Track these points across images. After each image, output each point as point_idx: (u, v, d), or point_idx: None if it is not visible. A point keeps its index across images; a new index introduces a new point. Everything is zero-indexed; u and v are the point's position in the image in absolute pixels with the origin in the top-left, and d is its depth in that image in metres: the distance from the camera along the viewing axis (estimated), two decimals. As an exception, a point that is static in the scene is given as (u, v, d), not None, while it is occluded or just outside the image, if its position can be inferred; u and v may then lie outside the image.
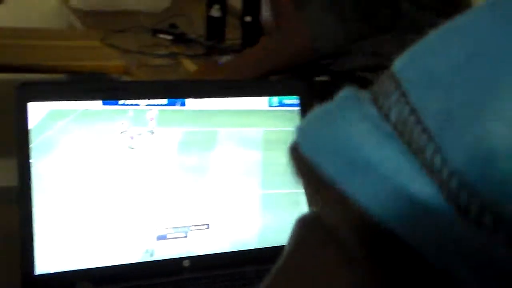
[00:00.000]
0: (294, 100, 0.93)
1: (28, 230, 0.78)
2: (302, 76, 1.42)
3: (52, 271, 0.79)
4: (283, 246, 0.34)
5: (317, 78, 1.46)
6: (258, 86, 0.98)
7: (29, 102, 0.80)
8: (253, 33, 1.93)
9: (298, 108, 0.93)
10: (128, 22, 2.08)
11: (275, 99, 0.92)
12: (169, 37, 1.99)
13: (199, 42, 1.96)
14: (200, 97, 0.88)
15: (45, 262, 0.79)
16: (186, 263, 0.85)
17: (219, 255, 0.87)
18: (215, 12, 1.99)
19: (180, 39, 1.98)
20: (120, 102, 0.84)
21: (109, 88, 0.86)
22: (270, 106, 0.92)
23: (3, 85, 1.60)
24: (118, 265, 0.82)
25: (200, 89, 0.89)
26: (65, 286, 0.78)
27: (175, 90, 0.88)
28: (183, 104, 0.88)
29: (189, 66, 1.79)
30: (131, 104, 0.84)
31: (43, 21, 2.44)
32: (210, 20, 1.99)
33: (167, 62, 1.81)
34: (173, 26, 2.05)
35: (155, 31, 2.01)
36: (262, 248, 0.88)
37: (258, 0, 1.89)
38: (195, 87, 0.91)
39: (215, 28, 1.98)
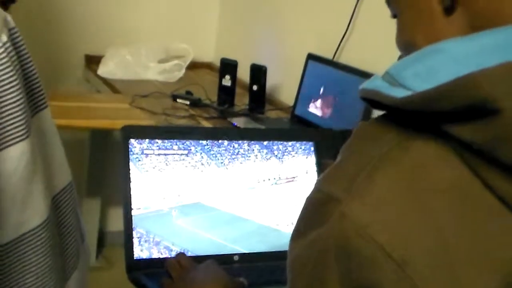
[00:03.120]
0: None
1: (129, 229, 1.10)
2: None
3: (146, 257, 1.11)
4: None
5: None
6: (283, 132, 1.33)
7: (130, 139, 1.14)
8: (258, 99, 2.29)
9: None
10: (150, 90, 2.44)
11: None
12: (187, 102, 2.33)
13: (213, 107, 2.31)
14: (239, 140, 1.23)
15: (141, 251, 1.11)
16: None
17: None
18: (227, 82, 2.35)
19: (196, 103, 2.32)
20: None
21: (183, 132, 1.20)
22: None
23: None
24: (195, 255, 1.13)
25: (239, 133, 1.25)
26: (156, 267, 1.09)
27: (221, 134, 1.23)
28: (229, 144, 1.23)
29: (207, 125, 2.14)
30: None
31: (70, 86, 2.77)
32: (222, 88, 2.35)
33: (187, 122, 2.15)
34: (188, 93, 2.40)
35: (175, 97, 2.36)
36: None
37: (264, 73, 2.26)
38: (235, 132, 1.26)
39: (226, 95, 2.34)
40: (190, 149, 1.18)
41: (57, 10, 2.70)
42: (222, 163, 1.20)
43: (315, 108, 2.13)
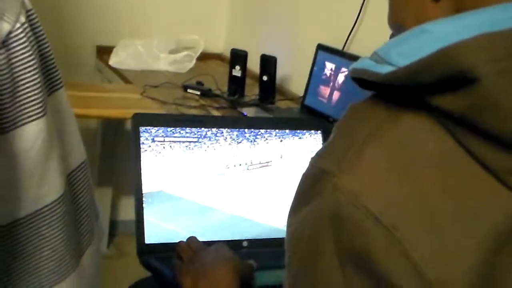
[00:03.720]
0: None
1: (140, 214, 1.13)
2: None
3: (157, 242, 1.13)
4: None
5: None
6: (292, 121, 1.34)
7: (140, 126, 1.16)
8: (268, 90, 2.30)
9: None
10: (161, 80, 2.46)
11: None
12: (197, 92, 2.35)
13: (223, 97, 2.33)
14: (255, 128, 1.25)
15: (152, 236, 1.13)
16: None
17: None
18: (237, 72, 2.36)
19: (207, 94, 2.34)
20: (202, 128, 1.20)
21: (195, 120, 1.22)
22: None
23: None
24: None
25: (255, 122, 1.26)
26: (166, 251, 1.11)
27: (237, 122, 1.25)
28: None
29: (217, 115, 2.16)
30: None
31: (81, 76, 2.79)
32: (232, 78, 2.37)
33: (198, 112, 2.17)
34: (199, 83, 2.42)
35: (186, 87, 2.38)
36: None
37: (274, 63, 2.27)
38: (250, 120, 1.28)
39: (236, 85, 2.36)
40: (200, 137, 1.20)
41: (69, 1, 2.72)
42: (230, 149, 1.22)
43: (325, 98, 2.14)
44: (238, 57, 2.35)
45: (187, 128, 1.19)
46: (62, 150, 0.68)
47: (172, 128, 1.18)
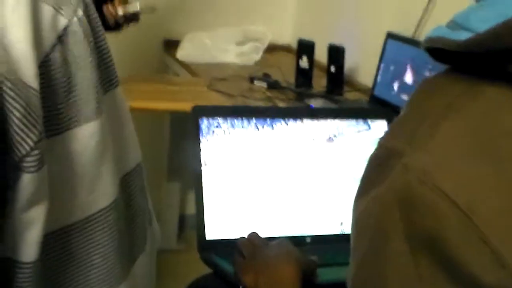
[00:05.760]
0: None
1: (200, 210, 1.10)
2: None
3: (218, 238, 1.10)
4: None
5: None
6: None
7: (200, 117, 1.14)
8: (336, 81, 2.25)
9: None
10: (227, 73, 2.44)
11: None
12: (264, 85, 2.32)
13: (290, 89, 2.29)
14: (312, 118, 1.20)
15: (213, 232, 1.10)
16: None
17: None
18: (304, 63, 2.32)
19: (273, 86, 2.31)
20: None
21: (256, 111, 1.18)
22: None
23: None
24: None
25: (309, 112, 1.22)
26: (226, 249, 1.08)
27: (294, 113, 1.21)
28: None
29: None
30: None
31: (148, 70, 2.81)
32: (299, 70, 2.33)
33: (265, 105, 2.14)
34: (266, 75, 2.39)
35: (252, 79, 2.35)
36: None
37: (342, 53, 2.22)
38: (314, 111, 1.23)
39: (303, 77, 2.31)
40: (262, 128, 1.16)
41: (136, -4, 2.73)
42: (290, 141, 1.18)
43: (395, 89, 2.07)
44: (305, 47, 2.31)
45: (248, 119, 1.15)
46: (117, 153, 0.65)
47: (233, 119, 1.15)
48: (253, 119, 1.16)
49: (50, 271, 0.61)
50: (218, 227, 1.11)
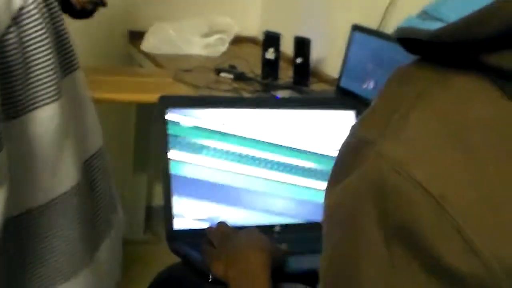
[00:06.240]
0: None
1: (168, 200, 1.10)
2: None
3: (186, 228, 1.10)
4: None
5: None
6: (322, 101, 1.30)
7: (166, 109, 1.13)
8: (303, 72, 2.26)
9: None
10: (193, 64, 2.43)
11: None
12: (230, 76, 2.31)
13: (256, 80, 2.29)
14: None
15: (181, 222, 1.10)
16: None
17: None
18: (270, 55, 2.32)
19: (240, 77, 2.30)
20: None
21: (222, 101, 1.18)
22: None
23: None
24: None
25: (285, 102, 1.22)
26: (194, 238, 1.08)
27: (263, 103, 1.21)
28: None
29: (250, 99, 2.12)
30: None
31: (112, 61, 2.78)
32: (265, 61, 2.33)
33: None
34: (232, 67, 2.38)
35: (218, 71, 2.34)
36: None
37: (308, 45, 2.23)
38: (280, 101, 1.24)
39: (270, 68, 2.31)
40: (228, 118, 1.16)
41: (101, -14, 2.70)
42: (259, 131, 1.18)
43: (361, 80, 2.08)
44: (271, 39, 2.31)
45: (214, 109, 1.15)
46: (78, 136, 0.64)
47: (199, 110, 1.14)
48: (221, 108, 1.16)
49: (13, 255, 0.60)
50: (185, 217, 1.11)
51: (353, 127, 0.57)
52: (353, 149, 0.55)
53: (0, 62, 0.55)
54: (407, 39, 0.55)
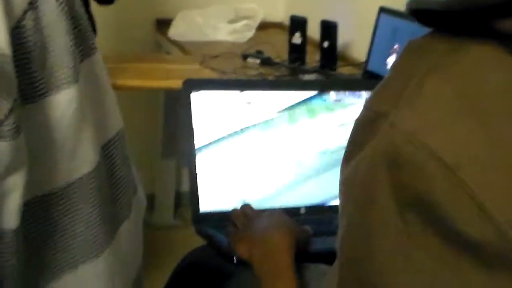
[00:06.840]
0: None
1: (194, 183, 1.11)
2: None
3: (212, 210, 1.11)
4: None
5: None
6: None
7: (191, 92, 1.14)
8: (330, 56, 2.25)
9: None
10: (220, 51, 2.43)
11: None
12: (257, 61, 2.31)
13: (283, 65, 2.29)
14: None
15: (207, 204, 1.11)
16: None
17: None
18: (296, 39, 2.32)
19: (266, 62, 2.30)
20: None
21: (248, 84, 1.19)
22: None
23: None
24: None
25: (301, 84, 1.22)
26: (220, 221, 1.09)
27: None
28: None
29: (277, 84, 2.12)
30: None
31: (140, 49, 2.80)
32: (292, 46, 2.32)
33: (258, 81, 2.14)
34: (259, 52, 2.38)
35: (245, 56, 2.35)
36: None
37: (335, 29, 2.21)
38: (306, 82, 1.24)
39: (296, 53, 2.31)
40: (253, 100, 1.16)
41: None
42: (284, 113, 1.18)
43: (389, 63, 2.07)
44: (298, 23, 2.31)
45: (239, 91, 1.16)
46: (97, 120, 0.64)
47: (223, 91, 1.15)
48: (245, 91, 1.16)
49: (32, 239, 0.61)
50: (212, 199, 1.12)
51: (366, 101, 0.57)
52: (367, 122, 0.55)
53: (18, 47, 0.55)
54: (421, 11, 0.55)
